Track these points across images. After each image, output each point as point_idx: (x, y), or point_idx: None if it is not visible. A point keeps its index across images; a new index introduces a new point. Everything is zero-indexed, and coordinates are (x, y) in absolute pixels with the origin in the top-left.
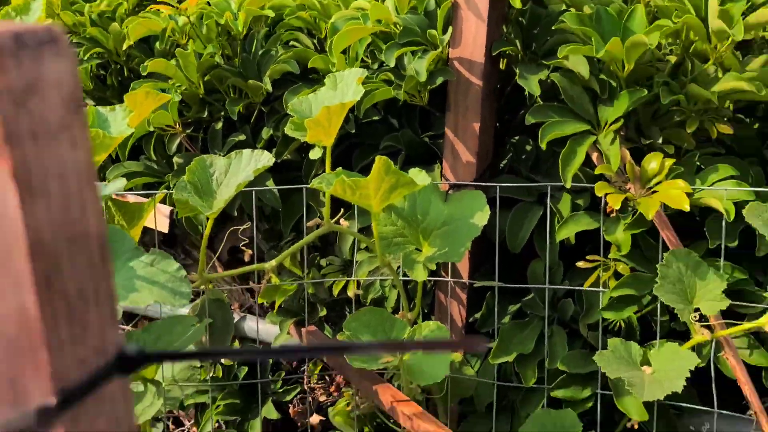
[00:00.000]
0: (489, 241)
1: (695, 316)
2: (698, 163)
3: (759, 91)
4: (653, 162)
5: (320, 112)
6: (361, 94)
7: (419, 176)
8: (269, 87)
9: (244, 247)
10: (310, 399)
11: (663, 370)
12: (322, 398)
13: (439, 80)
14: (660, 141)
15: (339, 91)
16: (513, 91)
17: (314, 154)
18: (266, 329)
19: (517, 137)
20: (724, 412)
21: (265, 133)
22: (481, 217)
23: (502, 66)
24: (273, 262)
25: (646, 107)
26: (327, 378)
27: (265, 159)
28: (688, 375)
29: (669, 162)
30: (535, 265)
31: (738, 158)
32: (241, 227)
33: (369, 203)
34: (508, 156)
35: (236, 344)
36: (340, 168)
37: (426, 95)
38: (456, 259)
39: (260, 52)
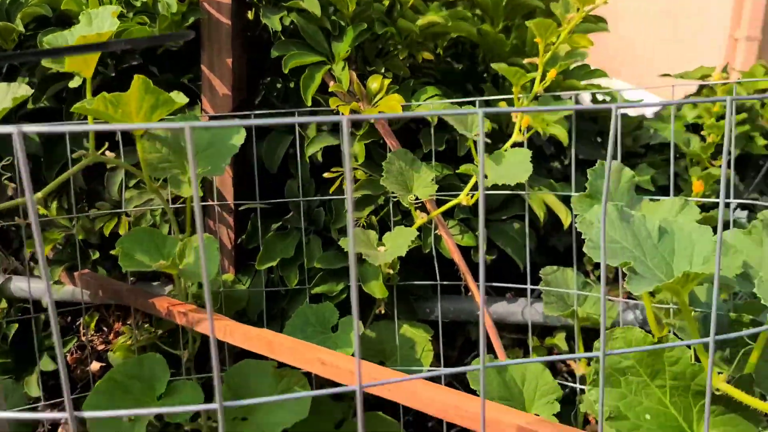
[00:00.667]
0: (250, 171)
1: (414, 201)
2: (414, 89)
3: (446, 22)
4: (375, 83)
5: (77, 40)
6: (116, 26)
7: (178, 96)
8: (21, 28)
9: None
10: (89, 348)
11: (393, 246)
12: (101, 347)
13: (191, 19)
14: (383, 70)
15: (95, 26)
16: (262, 33)
17: (74, 83)
18: (37, 287)
19: (269, 78)
20: (446, 282)
21: (21, 81)
22: (238, 138)
23: (251, 16)
24: (39, 194)
25: (371, 44)
26: (105, 329)
27: (23, 90)
28: (410, 245)
29: (387, 81)
30: (291, 183)
31: (446, 87)
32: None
33: (132, 121)
34: (262, 93)
35: (4, 305)
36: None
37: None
38: (219, 173)
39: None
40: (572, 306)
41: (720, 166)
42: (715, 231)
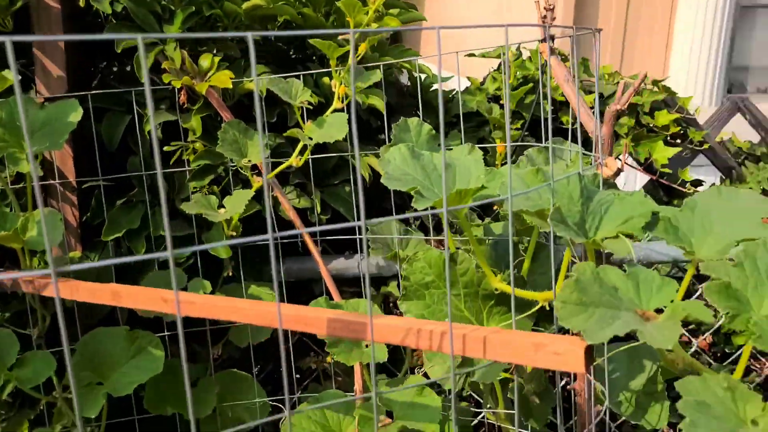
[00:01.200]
0: (91, 150)
1: (248, 164)
2: (245, 68)
3: (269, 5)
4: (206, 61)
5: None
6: None
7: (9, 74)
8: None
9: None
10: None
11: (232, 207)
12: None
13: (19, 3)
14: (214, 51)
15: None
16: (95, 17)
17: None
18: None
19: (105, 61)
20: (285, 241)
21: None
22: (75, 116)
23: (82, 3)
24: None
25: (201, 26)
26: None
27: None
28: (248, 206)
29: (217, 59)
30: (133, 159)
31: (276, 66)
32: None
33: None
34: (98, 76)
35: None
36: None
37: (10, 21)
38: (57, 148)
39: None
40: (395, 249)
41: (517, 128)
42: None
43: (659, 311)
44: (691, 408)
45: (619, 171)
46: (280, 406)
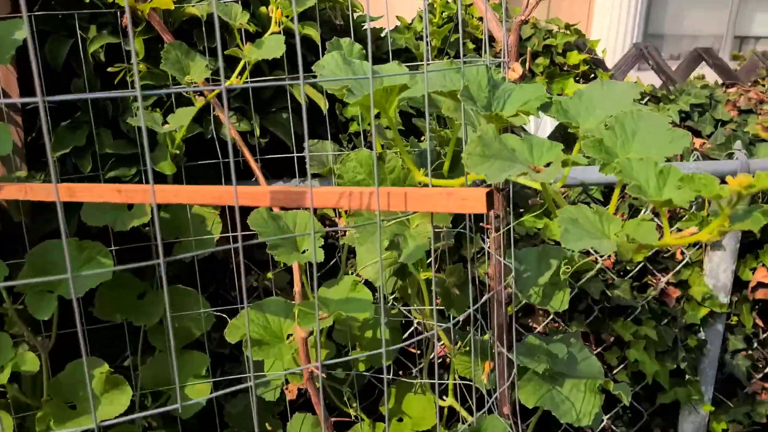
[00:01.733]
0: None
1: (191, 83)
2: None
3: None
4: None
5: None
6: None
7: None
8: None
9: None
10: None
11: (175, 121)
12: None
13: None
14: None
15: None
16: None
17: None
18: None
19: None
20: (227, 160)
21: None
22: (20, 34)
23: None
24: None
25: None
26: None
27: None
28: (184, 124)
29: None
30: (77, 82)
31: None
32: None
33: None
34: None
35: None
36: None
37: None
38: (4, 62)
39: None
40: (329, 165)
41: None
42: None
43: (548, 166)
44: (566, 221)
45: (524, 74)
46: (225, 317)
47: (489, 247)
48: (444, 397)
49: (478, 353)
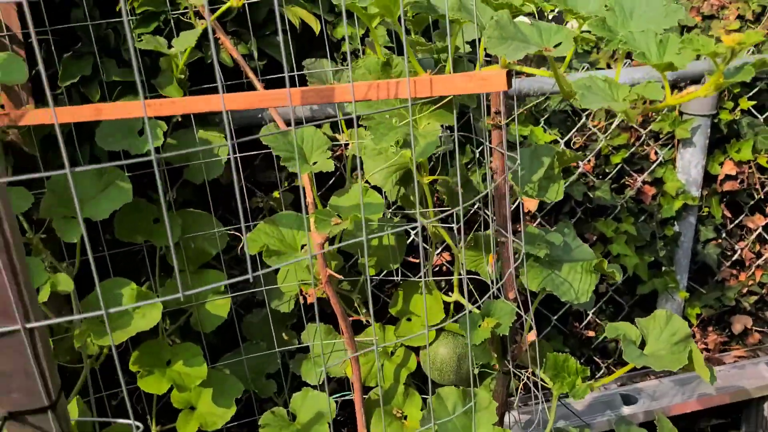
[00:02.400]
0: (35, 3)
1: (193, 7)
2: None
3: None
4: None
5: None
6: None
7: None
8: None
9: None
10: None
11: (179, 45)
12: None
13: None
14: None
15: None
16: None
17: None
18: None
19: None
20: (230, 82)
21: None
22: None
23: None
24: None
25: None
26: None
27: None
28: (190, 45)
29: None
30: (76, 12)
31: None
32: None
33: None
34: None
35: None
36: None
37: None
38: None
39: None
40: (329, 81)
41: None
42: None
43: (557, 46)
44: (581, 87)
45: None
46: (238, 234)
47: (492, 143)
48: (450, 293)
49: (482, 247)
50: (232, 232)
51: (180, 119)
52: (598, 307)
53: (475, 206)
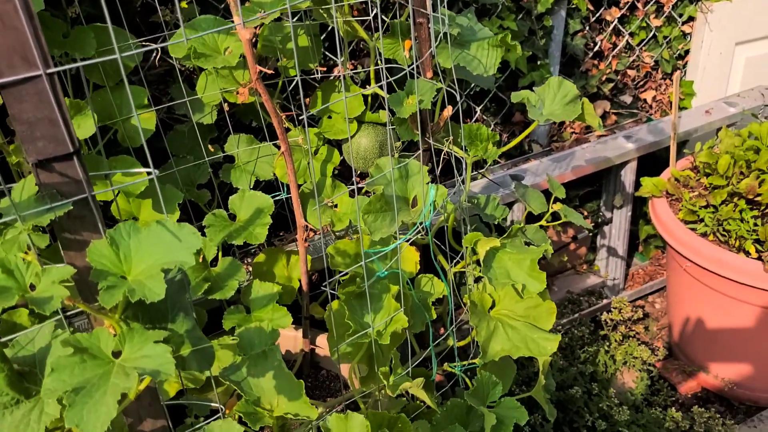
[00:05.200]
0: None
1: None
2: None
3: None
4: None
5: None
6: None
7: None
8: None
9: None
10: None
11: None
12: None
13: None
14: None
15: None
16: None
17: None
18: None
19: None
20: None
21: None
22: None
23: None
24: None
25: None
26: None
27: None
28: None
29: None
30: None
31: None
32: None
33: None
34: None
35: None
36: None
37: None
38: None
39: None
40: None
41: None
42: None
43: None
44: None
45: None
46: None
47: None
48: (367, 86)
49: (398, 33)
50: (146, 44)
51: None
52: (482, 106)
53: None
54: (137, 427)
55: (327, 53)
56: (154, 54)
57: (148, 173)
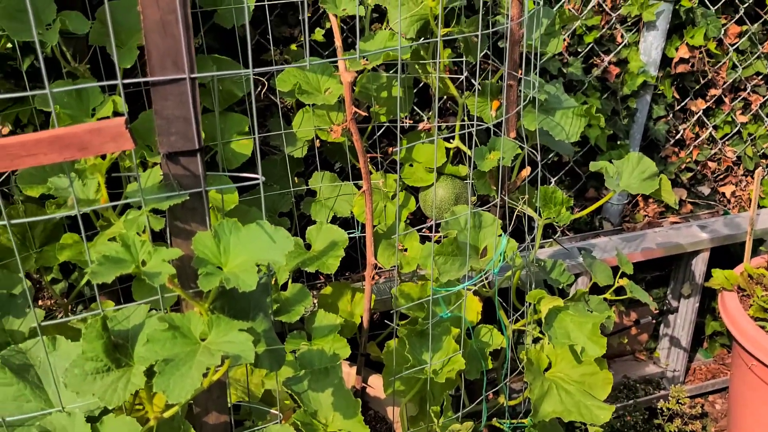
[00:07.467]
0: None
1: None
2: None
3: None
4: None
5: None
6: None
7: None
8: None
9: None
10: None
11: None
12: None
13: None
14: None
15: None
16: None
17: None
18: None
19: None
20: None
21: None
22: None
23: None
24: None
25: None
26: None
27: None
28: None
29: None
30: None
31: None
32: None
33: None
34: None
35: None
36: None
37: None
38: None
39: None
40: None
41: None
42: None
43: None
44: None
45: None
46: (262, 80)
47: None
48: (451, 140)
49: (488, 93)
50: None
51: None
52: (558, 177)
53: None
54: (203, 418)
55: (415, 107)
56: (260, 87)
57: (255, 179)
